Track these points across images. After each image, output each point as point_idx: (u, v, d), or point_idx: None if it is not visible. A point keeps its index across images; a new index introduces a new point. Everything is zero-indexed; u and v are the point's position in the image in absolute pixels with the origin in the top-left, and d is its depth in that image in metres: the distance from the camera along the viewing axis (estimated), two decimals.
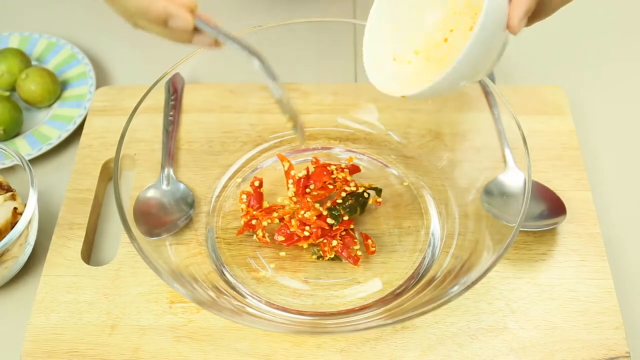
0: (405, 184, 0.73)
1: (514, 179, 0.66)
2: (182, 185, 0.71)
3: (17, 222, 0.64)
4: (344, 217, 0.67)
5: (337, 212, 0.67)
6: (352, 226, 0.67)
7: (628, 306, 0.65)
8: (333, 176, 0.70)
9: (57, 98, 0.82)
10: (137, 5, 0.55)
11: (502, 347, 0.61)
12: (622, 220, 0.71)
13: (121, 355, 0.61)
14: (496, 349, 0.61)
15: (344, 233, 0.67)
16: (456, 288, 0.57)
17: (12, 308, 0.67)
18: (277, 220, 0.68)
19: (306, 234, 0.66)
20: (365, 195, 0.69)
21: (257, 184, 0.70)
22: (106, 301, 0.64)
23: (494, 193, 0.67)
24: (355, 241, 0.67)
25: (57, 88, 0.82)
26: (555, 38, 0.89)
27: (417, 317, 0.57)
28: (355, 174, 0.72)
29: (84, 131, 0.77)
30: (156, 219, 0.68)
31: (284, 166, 0.71)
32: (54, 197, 0.74)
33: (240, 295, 0.64)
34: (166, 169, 0.71)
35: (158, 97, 0.71)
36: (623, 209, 0.72)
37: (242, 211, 0.69)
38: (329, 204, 0.68)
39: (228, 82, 0.78)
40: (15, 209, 0.66)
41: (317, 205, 0.68)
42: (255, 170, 0.74)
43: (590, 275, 0.65)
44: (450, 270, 0.63)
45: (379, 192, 0.70)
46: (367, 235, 0.68)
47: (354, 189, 0.69)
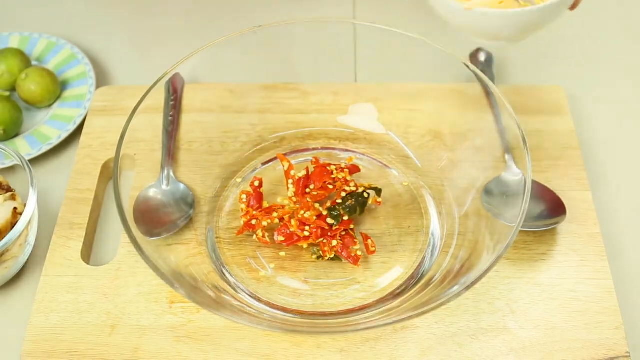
0: (405, 184, 0.73)
1: (514, 179, 0.66)
2: (182, 185, 0.71)
3: (17, 222, 0.64)
4: (344, 217, 0.67)
5: (337, 212, 0.67)
6: (352, 226, 0.67)
7: (628, 306, 0.65)
8: (333, 176, 0.70)
9: (57, 98, 0.82)
10: None
11: (502, 347, 0.61)
12: (622, 220, 0.71)
13: (121, 355, 0.61)
14: (496, 349, 0.61)
15: (344, 233, 0.67)
16: (456, 288, 0.57)
17: (12, 308, 0.67)
18: (277, 220, 0.68)
19: (306, 234, 0.66)
20: (365, 195, 0.69)
21: (257, 184, 0.70)
22: (106, 301, 0.64)
23: (494, 193, 0.67)
24: (355, 241, 0.67)
25: (57, 88, 0.82)
26: (555, 38, 0.89)
27: (417, 317, 0.57)
28: (355, 174, 0.72)
29: (84, 131, 0.77)
30: (156, 219, 0.68)
31: (284, 166, 0.71)
32: (54, 197, 0.74)
33: (240, 295, 0.64)
34: (166, 169, 0.71)
35: (158, 97, 0.71)
36: (623, 209, 0.72)
37: (242, 211, 0.69)
38: (329, 204, 0.68)
39: (228, 82, 0.78)
40: (15, 209, 0.66)
41: (317, 205, 0.68)
42: (255, 170, 0.74)
43: (590, 275, 0.65)
44: (450, 270, 0.63)
45: (379, 192, 0.70)
46: (367, 235, 0.68)
47: (354, 189, 0.69)
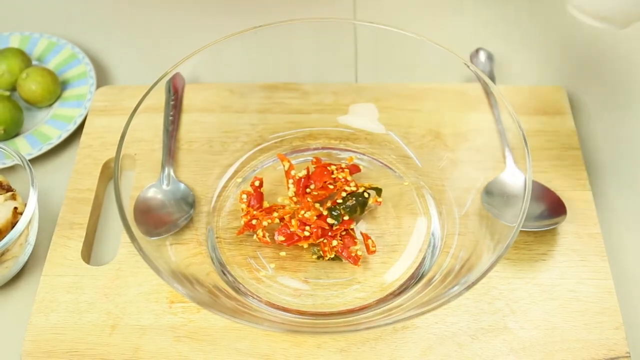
0: (405, 184, 0.73)
1: (514, 179, 0.66)
2: (182, 185, 0.71)
3: (17, 222, 0.64)
4: (344, 217, 0.67)
5: (337, 212, 0.67)
6: (352, 226, 0.67)
7: (628, 306, 0.65)
8: (333, 176, 0.70)
9: (58, 98, 0.82)
10: None
11: (502, 347, 0.61)
12: (622, 220, 0.71)
13: (121, 355, 0.61)
14: (496, 349, 0.61)
15: (344, 233, 0.67)
16: (456, 288, 0.57)
17: (12, 308, 0.67)
18: (277, 220, 0.68)
19: (306, 234, 0.66)
20: (365, 195, 0.69)
21: (257, 183, 0.70)
22: (106, 301, 0.64)
23: (494, 193, 0.67)
24: (355, 241, 0.67)
25: (57, 88, 0.82)
26: (555, 38, 0.89)
27: (417, 317, 0.57)
28: (356, 174, 0.72)
29: (85, 131, 0.77)
30: (156, 218, 0.68)
31: (284, 166, 0.71)
32: (54, 197, 0.74)
33: (240, 295, 0.64)
34: (166, 169, 0.71)
35: (158, 97, 0.71)
36: (623, 209, 0.72)
37: (242, 211, 0.69)
38: (329, 204, 0.68)
39: (228, 82, 0.78)
40: (15, 208, 0.66)
41: (317, 205, 0.68)
42: (255, 170, 0.74)
43: (590, 275, 0.65)
44: (450, 270, 0.63)
45: (379, 192, 0.70)
46: (367, 235, 0.68)
47: (354, 189, 0.69)
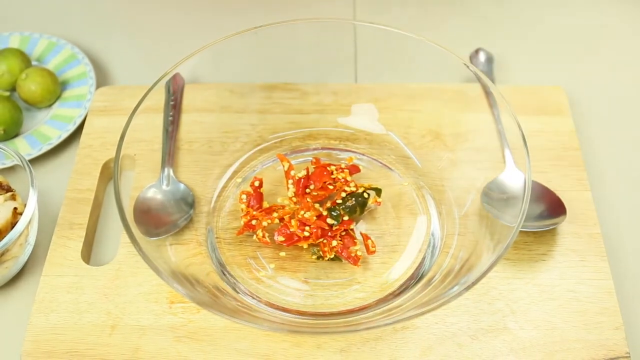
0: (405, 184, 0.73)
1: (514, 179, 0.66)
2: (182, 185, 0.71)
3: (17, 222, 0.64)
4: (344, 217, 0.67)
5: (337, 212, 0.67)
6: (352, 226, 0.67)
7: (628, 306, 0.65)
8: (333, 176, 0.70)
9: (57, 98, 0.82)
10: None
11: (502, 347, 0.61)
12: (622, 220, 0.71)
13: (121, 355, 0.61)
14: (496, 349, 0.61)
15: (344, 233, 0.67)
16: (456, 288, 0.57)
17: (12, 308, 0.67)
18: (277, 221, 0.68)
19: (306, 234, 0.66)
20: (365, 195, 0.69)
21: (257, 184, 0.70)
22: (106, 301, 0.64)
23: (494, 193, 0.67)
24: (355, 241, 0.67)
25: (57, 88, 0.82)
26: (555, 38, 0.89)
27: (417, 317, 0.57)
28: (355, 174, 0.72)
29: (84, 131, 0.77)
30: (156, 219, 0.68)
31: (284, 166, 0.71)
32: (54, 197, 0.74)
33: (240, 295, 0.64)
34: (166, 169, 0.71)
35: (158, 97, 0.71)
36: (623, 209, 0.72)
37: (242, 211, 0.69)
38: (329, 204, 0.68)
39: (228, 82, 0.78)
40: (15, 209, 0.66)
41: (317, 205, 0.68)
42: (255, 170, 0.74)
43: (590, 276, 0.65)
44: (450, 271, 0.63)
45: (379, 192, 0.70)
46: (367, 235, 0.67)
47: (354, 189, 0.69)
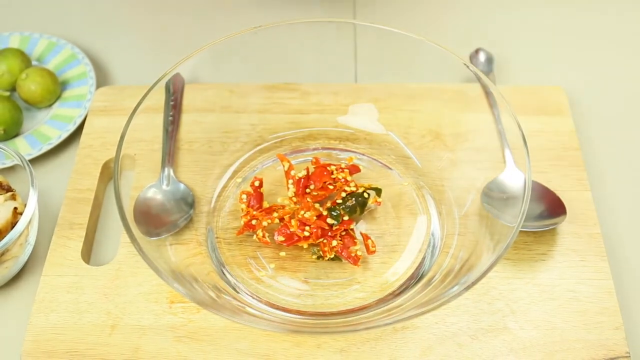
0: (405, 184, 0.73)
1: (514, 179, 0.66)
2: (182, 185, 0.71)
3: (17, 222, 0.64)
4: (344, 217, 0.67)
5: (337, 212, 0.67)
6: (352, 226, 0.67)
7: (628, 306, 0.65)
8: (333, 176, 0.70)
9: (57, 98, 0.82)
10: None
11: (502, 347, 0.61)
12: (622, 220, 0.71)
13: (121, 355, 0.61)
14: (496, 349, 0.61)
15: (344, 233, 0.67)
16: (456, 288, 0.57)
17: (12, 308, 0.67)
18: (277, 220, 0.68)
19: (306, 234, 0.66)
20: (365, 195, 0.69)
21: (257, 184, 0.70)
22: (106, 301, 0.64)
23: (494, 193, 0.67)
24: (355, 241, 0.67)
25: (57, 88, 0.82)
26: (555, 38, 0.89)
27: (417, 317, 0.57)
28: (355, 174, 0.72)
29: (84, 131, 0.77)
30: (156, 219, 0.68)
31: (284, 166, 0.71)
32: (54, 197, 0.74)
33: (240, 295, 0.64)
34: (166, 169, 0.71)
35: (158, 97, 0.71)
36: (623, 209, 0.72)
37: (242, 211, 0.69)
38: (329, 204, 0.68)
39: (228, 82, 0.78)
40: (15, 208, 0.66)
41: (317, 205, 0.68)
42: (255, 170, 0.74)
43: (590, 275, 0.65)
44: (450, 271, 0.63)
45: (379, 192, 0.70)
46: (367, 235, 0.68)
47: (354, 189, 0.69)
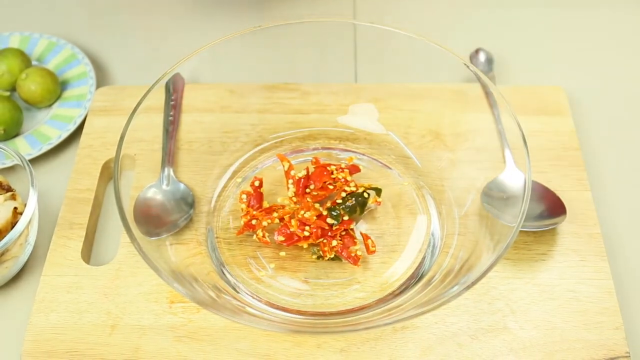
0: (405, 184, 0.73)
1: (514, 179, 0.66)
2: (182, 185, 0.71)
3: (17, 222, 0.64)
4: (344, 217, 0.67)
5: (337, 212, 0.67)
6: (352, 226, 0.67)
7: (628, 306, 0.65)
8: (333, 176, 0.70)
9: (58, 98, 0.82)
10: None
11: (502, 347, 0.61)
12: (622, 220, 0.71)
13: (121, 355, 0.61)
14: (496, 349, 0.61)
15: (344, 233, 0.67)
16: (456, 288, 0.57)
17: (12, 308, 0.67)
18: (277, 220, 0.68)
19: (306, 234, 0.66)
20: (365, 195, 0.69)
21: (257, 184, 0.70)
22: (106, 301, 0.64)
23: (494, 193, 0.67)
24: (355, 241, 0.67)
25: (57, 88, 0.82)
26: (555, 38, 0.89)
27: (417, 317, 0.57)
28: (355, 174, 0.72)
29: (84, 131, 0.77)
30: (156, 218, 0.68)
31: (284, 166, 0.71)
32: (54, 197, 0.74)
33: (240, 295, 0.64)
34: (166, 169, 0.71)
35: (158, 97, 0.71)
36: (623, 209, 0.72)
37: (242, 211, 0.69)
38: (329, 204, 0.68)
39: (228, 82, 0.78)
40: (15, 208, 0.66)
41: (317, 205, 0.68)
42: (255, 170, 0.74)
43: (590, 275, 0.65)
44: (450, 270, 0.63)
45: (379, 192, 0.70)
46: (367, 235, 0.68)
47: (354, 189, 0.69)
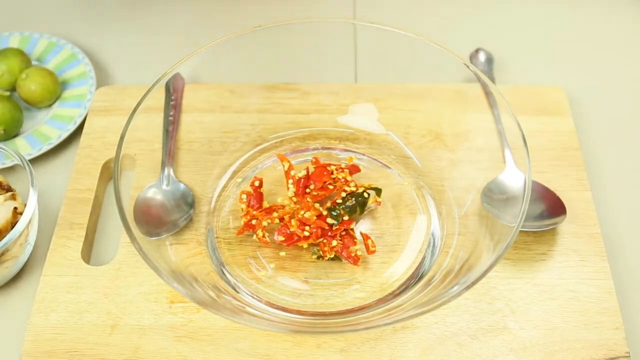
0: (405, 183, 0.73)
1: (514, 179, 0.66)
2: (182, 185, 0.71)
3: (17, 222, 0.64)
4: (344, 217, 0.67)
5: (337, 212, 0.67)
6: (352, 226, 0.67)
7: (628, 306, 0.65)
8: (333, 176, 0.70)
9: (58, 98, 0.82)
10: None
11: (502, 347, 0.61)
12: (622, 220, 0.71)
13: (121, 355, 0.61)
14: (496, 349, 0.61)
15: (344, 233, 0.67)
16: (456, 288, 0.57)
17: (12, 308, 0.67)
18: (277, 220, 0.68)
19: (306, 234, 0.66)
20: (365, 195, 0.69)
21: (257, 184, 0.70)
22: (106, 301, 0.64)
23: (494, 193, 0.67)
24: (355, 241, 0.67)
25: (57, 88, 0.82)
26: (555, 38, 0.89)
27: (417, 317, 0.57)
28: (355, 174, 0.72)
29: (84, 131, 0.77)
30: (156, 219, 0.68)
31: (284, 166, 0.71)
32: (54, 197, 0.74)
33: (240, 295, 0.64)
34: (166, 169, 0.71)
35: (158, 97, 0.71)
36: (623, 209, 0.72)
37: (242, 211, 0.69)
38: (329, 204, 0.68)
39: (228, 82, 0.78)
40: (15, 208, 0.66)
41: (317, 205, 0.68)
42: (255, 170, 0.74)
43: (590, 275, 0.65)
44: (450, 270, 0.63)
45: (379, 192, 0.70)
46: (367, 235, 0.68)
47: (354, 189, 0.69)
